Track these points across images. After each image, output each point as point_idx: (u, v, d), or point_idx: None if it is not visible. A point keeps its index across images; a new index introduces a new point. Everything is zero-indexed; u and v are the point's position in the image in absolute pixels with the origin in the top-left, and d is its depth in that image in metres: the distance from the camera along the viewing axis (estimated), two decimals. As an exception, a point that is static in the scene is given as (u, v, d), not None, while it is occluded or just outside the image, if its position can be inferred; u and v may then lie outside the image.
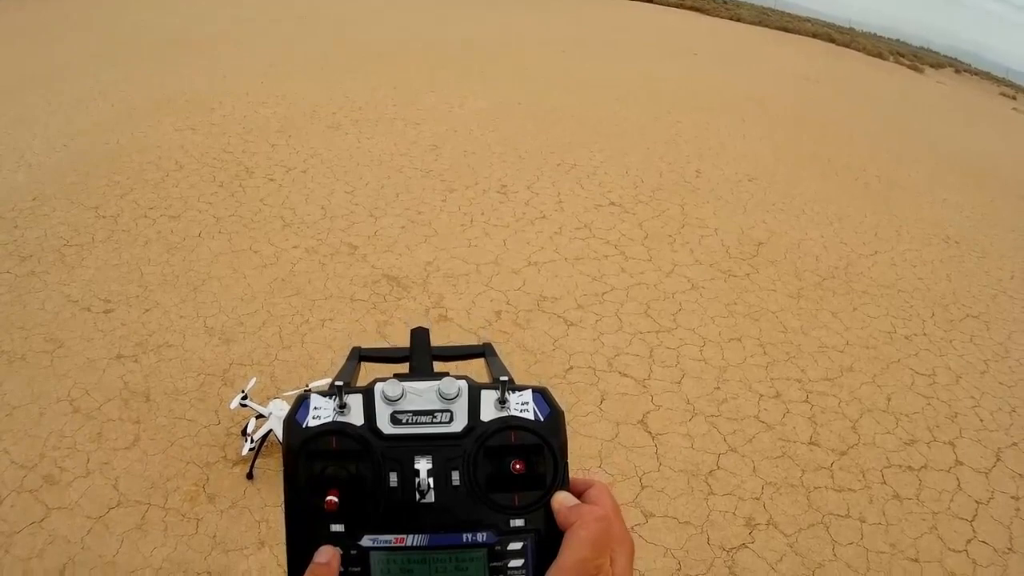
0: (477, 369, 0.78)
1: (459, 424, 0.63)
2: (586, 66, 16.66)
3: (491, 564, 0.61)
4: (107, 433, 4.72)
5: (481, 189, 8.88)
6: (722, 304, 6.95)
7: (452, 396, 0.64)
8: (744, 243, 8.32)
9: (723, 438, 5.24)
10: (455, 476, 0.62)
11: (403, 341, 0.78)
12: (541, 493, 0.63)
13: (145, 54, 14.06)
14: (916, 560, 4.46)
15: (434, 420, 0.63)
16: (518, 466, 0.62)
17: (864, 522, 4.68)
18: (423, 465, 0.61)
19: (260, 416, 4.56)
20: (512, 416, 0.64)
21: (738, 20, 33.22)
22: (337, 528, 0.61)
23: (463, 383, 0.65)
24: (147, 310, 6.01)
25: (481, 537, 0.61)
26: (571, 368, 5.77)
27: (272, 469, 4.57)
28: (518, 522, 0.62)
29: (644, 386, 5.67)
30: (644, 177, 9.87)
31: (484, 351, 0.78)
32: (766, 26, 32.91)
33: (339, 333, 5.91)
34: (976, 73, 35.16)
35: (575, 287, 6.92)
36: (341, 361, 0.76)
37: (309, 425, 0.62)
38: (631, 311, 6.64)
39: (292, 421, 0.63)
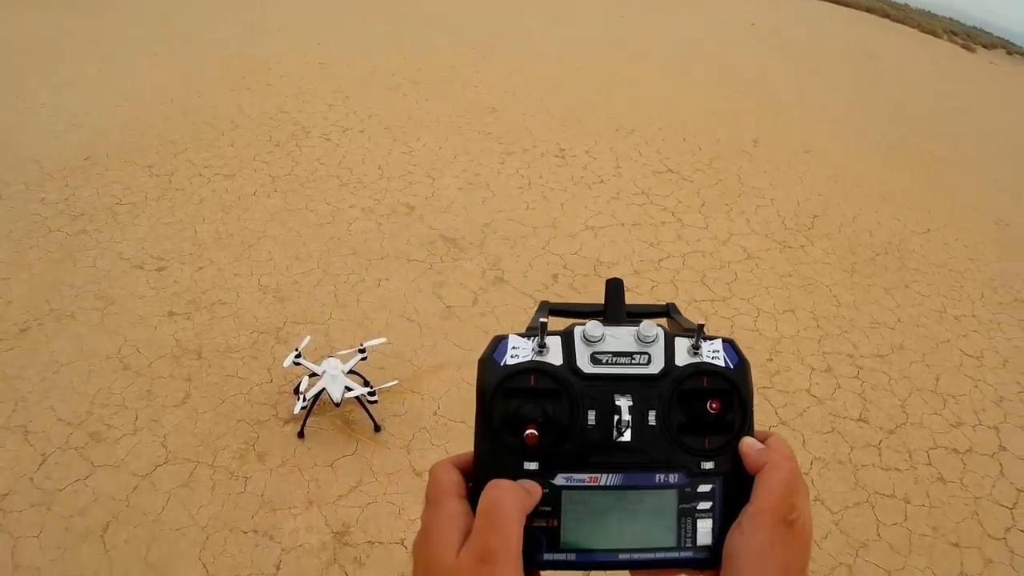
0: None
1: (656, 366, 0.63)
2: (647, 34, 16.46)
3: (680, 506, 0.62)
4: (157, 390, 4.72)
5: (539, 152, 8.96)
6: (777, 275, 7.04)
7: (651, 339, 0.64)
8: (800, 215, 8.35)
9: (774, 410, 5.34)
10: (651, 416, 0.62)
11: (460, 302, 0.88)
12: (730, 437, 0.64)
13: (198, 13, 14.04)
14: (957, 545, 4.43)
15: (633, 361, 0.63)
16: (714, 405, 0.63)
17: (909, 503, 4.68)
18: (624, 403, 0.61)
19: (313, 375, 4.51)
20: (705, 362, 0.64)
21: (795, -8, 32.31)
22: (531, 466, 0.61)
23: (659, 329, 0.65)
24: (200, 268, 6.03)
25: (673, 478, 0.62)
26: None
27: (323, 428, 4.56)
28: (708, 464, 0.63)
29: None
30: (702, 145, 9.89)
31: (668, 310, 0.78)
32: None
33: (394, 293, 5.92)
34: (1026, 55, 33.97)
35: (632, 252, 7.03)
36: (396, 321, 0.84)
37: (507, 363, 0.62)
38: (687, 279, 6.76)
39: (489, 360, 0.63)
